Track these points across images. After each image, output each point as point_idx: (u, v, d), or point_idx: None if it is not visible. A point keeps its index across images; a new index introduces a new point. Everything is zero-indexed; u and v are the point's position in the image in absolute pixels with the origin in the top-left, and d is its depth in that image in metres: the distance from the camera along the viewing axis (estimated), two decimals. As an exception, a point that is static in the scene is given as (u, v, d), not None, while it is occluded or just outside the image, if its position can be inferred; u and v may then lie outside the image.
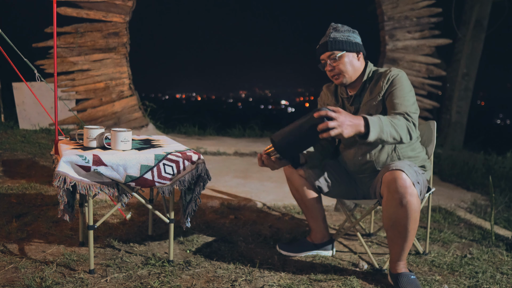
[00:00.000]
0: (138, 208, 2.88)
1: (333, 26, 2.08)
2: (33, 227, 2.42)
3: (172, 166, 1.94)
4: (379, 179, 1.94)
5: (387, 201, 1.87)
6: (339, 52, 2.02)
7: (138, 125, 6.18)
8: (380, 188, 1.92)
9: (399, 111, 1.90)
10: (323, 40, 2.06)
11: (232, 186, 3.68)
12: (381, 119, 1.76)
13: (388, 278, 2.01)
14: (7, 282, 1.79)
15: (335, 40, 2.03)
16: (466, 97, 7.12)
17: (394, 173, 1.82)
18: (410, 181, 1.81)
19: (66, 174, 1.79)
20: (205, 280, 1.93)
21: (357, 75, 2.07)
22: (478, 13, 6.77)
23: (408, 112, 1.90)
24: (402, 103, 1.93)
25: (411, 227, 1.84)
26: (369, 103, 2.04)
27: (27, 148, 4.58)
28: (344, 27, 2.08)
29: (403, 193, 1.79)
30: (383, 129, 1.74)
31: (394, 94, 1.96)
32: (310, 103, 50.28)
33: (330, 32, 2.06)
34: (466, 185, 4.18)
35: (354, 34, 2.06)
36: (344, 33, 2.04)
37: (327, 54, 2.04)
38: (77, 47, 5.76)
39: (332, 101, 2.22)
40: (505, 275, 2.16)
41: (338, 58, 2.03)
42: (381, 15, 6.38)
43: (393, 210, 1.84)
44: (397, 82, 1.97)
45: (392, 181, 1.82)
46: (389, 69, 2.04)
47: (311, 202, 2.27)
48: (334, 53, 2.02)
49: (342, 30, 2.05)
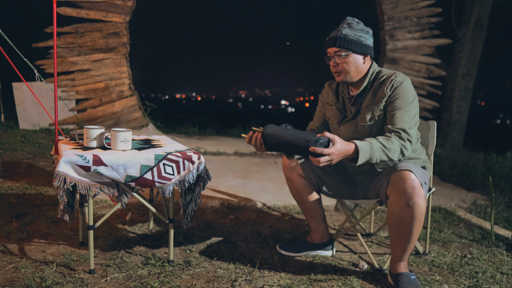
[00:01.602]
0: (138, 208, 2.88)
1: (348, 21, 2.01)
2: (33, 227, 2.42)
3: (172, 166, 1.94)
4: (385, 180, 1.94)
5: (393, 201, 1.85)
6: (346, 51, 1.97)
7: (138, 125, 6.18)
8: (387, 189, 1.91)
9: (397, 128, 1.88)
10: (334, 34, 1.99)
11: (232, 186, 3.68)
12: (373, 147, 1.78)
13: (388, 278, 2.01)
14: (7, 282, 1.79)
15: (345, 38, 1.96)
16: (466, 97, 7.12)
17: (402, 173, 1.81)
18: (418, 181, 1.80)
19: (66, 174, 1.79)
20: (205, 280, 1.93)
21: (359, 76, 2.03)
22: (478, 13, 6.77)
23: (406, 128, 1.87)
24: (402, 118, 1.89)
25: (416, 228, 1.83)
26: (371, 108, 2.00)
27: (27, 148, 4.58)
28: (359, 24, 2.00)
29: (411, 193, 1.78)
30: (373, 156, 1.78)
31: (395, 105, 1.92)
32: (310, 103, 50.24)
33: (343, 27, 1.99)
34: (466, 185, 4.18)
35: (367, 35, 2.00)
36: (357, 32, 1.97)
37: (334, 49, 1.99)
38: (77, 47, 5.76)
39: (332, 100, 2.18)
40: (505, 275, 2.16)
41: (344, 56, 1.98)
42: (381, 15, 6.38)
43: (400, 210, 1.83)
44: (401, 91, 1.93)
45: (399, 181, 1.81)
46: (394, 74, 1.98)
47: (310, 202, 2.27)
48: (341, 51, 1.97)
49: (356, 28, 1.98)
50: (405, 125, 1.88)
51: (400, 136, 1.86)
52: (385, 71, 2.04)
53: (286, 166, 2.26)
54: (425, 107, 6.52)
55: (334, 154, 1.70)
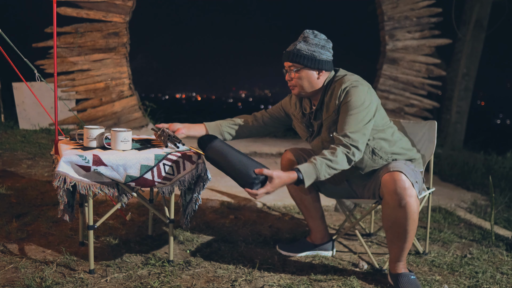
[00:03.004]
0: (138, 208, 2.88)
1: (305, 35, 1.98)
2: (33, 227, 2.42)
3: (172, 166, 1.94)
4: (378, 181, 1.94)
5: (386, 203, 1.86)
6: (298, 66, 1.96)
7: (138, 125, 6.18)
8: (379, 190, 1.92)
9: (339, 134, 1.86)
10: (289, 48, 1.99)
11: (232, 186, 3.67)
12: (317, 166, 1.78)
13: (388, 278, 2.02)
14: (7, 282, 1.79)
15: (298, 53, 1.95)
16: (466, 97, 7.12)
17: (393, 174, 1.82)
18: (409, 182, 1.80)
19: (66, 174, 1.79)
20: (205, 280, 1.93)
21: (314, 90, 2.00)
22: (478, 13, 6.77)
23: (348, 133, 1.84)
24: (346, 123, 1.86)
25: (410, 228, 1.84)
26: (328, 121, 1.99)
27: (27, 148, 4.58)
28: (316, 38, 1.96)
29: (402, 194, 1.79)
30: (319, 175, 1.79)
31: (342, 111, 1.91)
32: (310, 103, 49.82)
33: (299, 41, 1.98)
34: (466, 185, 4.18)
35: (322, 50, 1.95)
36: (311, 47, 1.94)
37: (288, 64, 1.99)
38: (77, 47, 5.76)
39: (299, 114, 2.15)
40: (505, 275, 2.16)
41: (296, 71, 1.97)
42: (381, 15, 6.38)
43: (392, 211, 1.84)
44: (347, 96, 1.89)
45: (390, 182, 1.81)
46: (343, 80, 1.94)
47: (309, 202, 2.27)
48: (294, 66, 1.97)
49: (312, 42, 1.94)
50: (348, 129, 1.85)
51: (342, 143, 1.83)
52: (338, 77, 1.99)
53: (284, 165, 2.26)
54: (425, 107, 6.52)
55: (271, 189, 1.77)
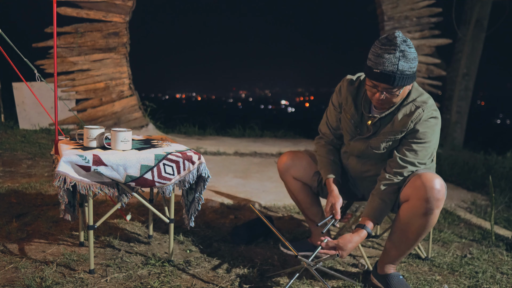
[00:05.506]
0: (138, 208, 2.88)
1: (401, 48, 1.65)
2: (33, 227, 2.42)
3: (172, 166, 1.93)
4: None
5: (410, 207, 1.75)
6: (401, 88, 1.71)
7: (138, 125, 6.18)
8: (401, 190, 1.82)
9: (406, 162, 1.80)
10: (389, 68, 1.65)
11: (232, 186, 3.68)
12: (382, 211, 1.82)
13: (371, 278, 1.99)
14: (7, 282, 1.79)
15: (402, 75, 1.66)
16: (466, 97, 7.12)
17: (428, 180, 1.69)
18: (444, 193, 1.71)
19: (66, 174, 1.79)
20: (205, 280, 1.93)
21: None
22: (478, 13, 6.77)
23: (416, 163, 1.79)
24: (417, 152, 1.79)
25: (422, 237, 1.79)
26: (388, 136, 1.85)
27: (27, 148, 4.58)
28: (411, 49, 1.67)
29: (433, 204, 1.69)
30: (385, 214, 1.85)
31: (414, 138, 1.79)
32: (310, 103, 50.16)
33: (398, 58, 1.65)
34: (466, 185, 4.18)
35: (416, 61, 1.72)
36: (411, 63, 1.67)
37: (386, 86, 1.70)
38: (77, 47, 5.76)
39: (350, 110, 1.96)
40: (505, 275, 2.16)
41: (395, 91, 1.72)
42: (381, 15, 6.38)
43: (413, 216, 1.74)
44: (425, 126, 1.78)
45: (421, 188, 1.70)
46: (422, 106, 1.78)
47: (308, 204, 2.24)
48: (396, 88, 1.71)
49: (410, 57, 1.67)
50: (415, 160, 1.79)
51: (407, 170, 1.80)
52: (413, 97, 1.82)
53: (280, 170, 2.23)
54: (425, 107, 6.52)
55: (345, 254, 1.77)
